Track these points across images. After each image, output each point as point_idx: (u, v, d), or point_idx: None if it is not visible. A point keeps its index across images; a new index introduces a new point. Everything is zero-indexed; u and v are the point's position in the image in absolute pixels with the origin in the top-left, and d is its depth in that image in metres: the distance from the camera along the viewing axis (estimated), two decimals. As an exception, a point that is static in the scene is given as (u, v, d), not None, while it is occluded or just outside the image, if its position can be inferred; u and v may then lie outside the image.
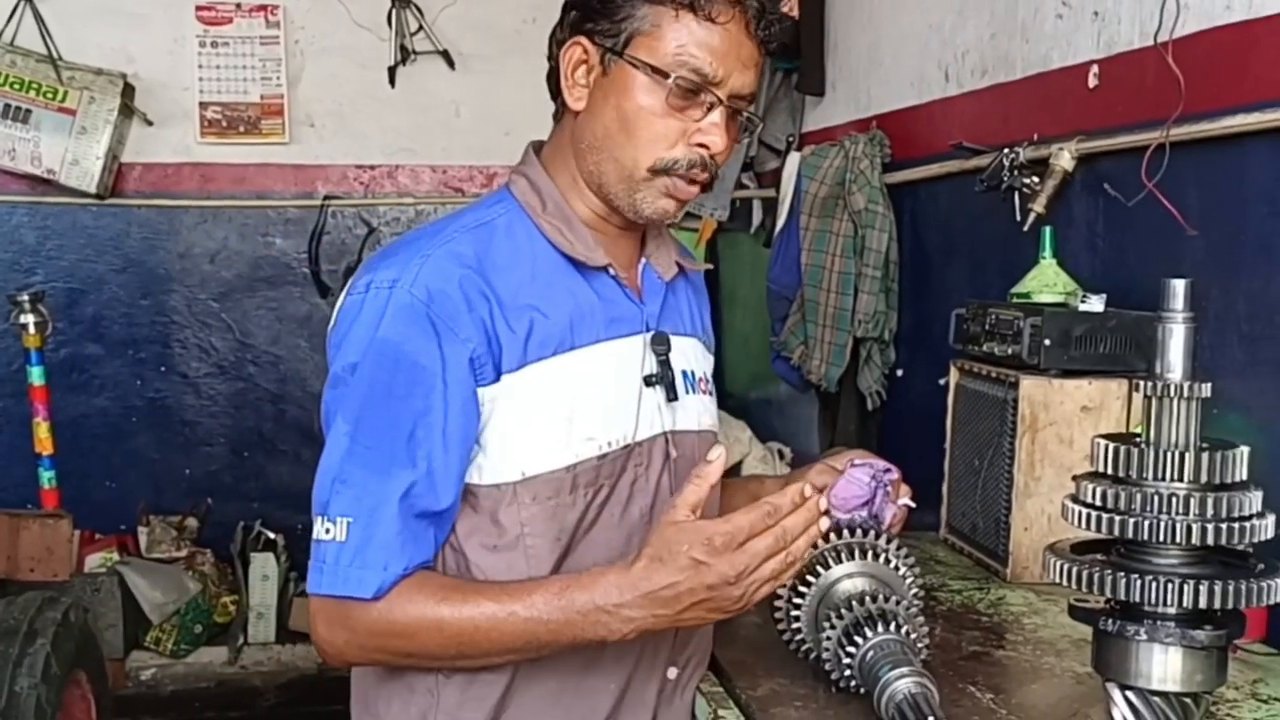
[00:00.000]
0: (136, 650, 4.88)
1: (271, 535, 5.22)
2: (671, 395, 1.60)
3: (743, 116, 1.55)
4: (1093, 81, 2.49)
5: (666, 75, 1.46)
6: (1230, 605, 1.32)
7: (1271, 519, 1.35)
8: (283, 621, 5.13)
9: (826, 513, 1.69)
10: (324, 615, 1.44)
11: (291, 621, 5.13)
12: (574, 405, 1.50)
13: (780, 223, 3.89)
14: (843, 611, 1.51)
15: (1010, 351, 2.23)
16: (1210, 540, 1.32)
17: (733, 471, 3.41)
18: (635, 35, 1.48)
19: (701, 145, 1.50)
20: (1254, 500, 1.34)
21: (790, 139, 4.26)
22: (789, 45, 4.05)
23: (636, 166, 1.50)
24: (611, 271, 1.57)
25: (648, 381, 1.58)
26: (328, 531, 1.42)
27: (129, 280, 5.30)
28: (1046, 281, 2.43)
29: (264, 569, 5.10)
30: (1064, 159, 2.52)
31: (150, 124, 5.17)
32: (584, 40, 1.52)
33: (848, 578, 1.58)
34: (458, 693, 1.53)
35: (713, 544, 1.33)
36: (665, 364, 1.60)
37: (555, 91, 1.59)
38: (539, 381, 1.48)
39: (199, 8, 5.18)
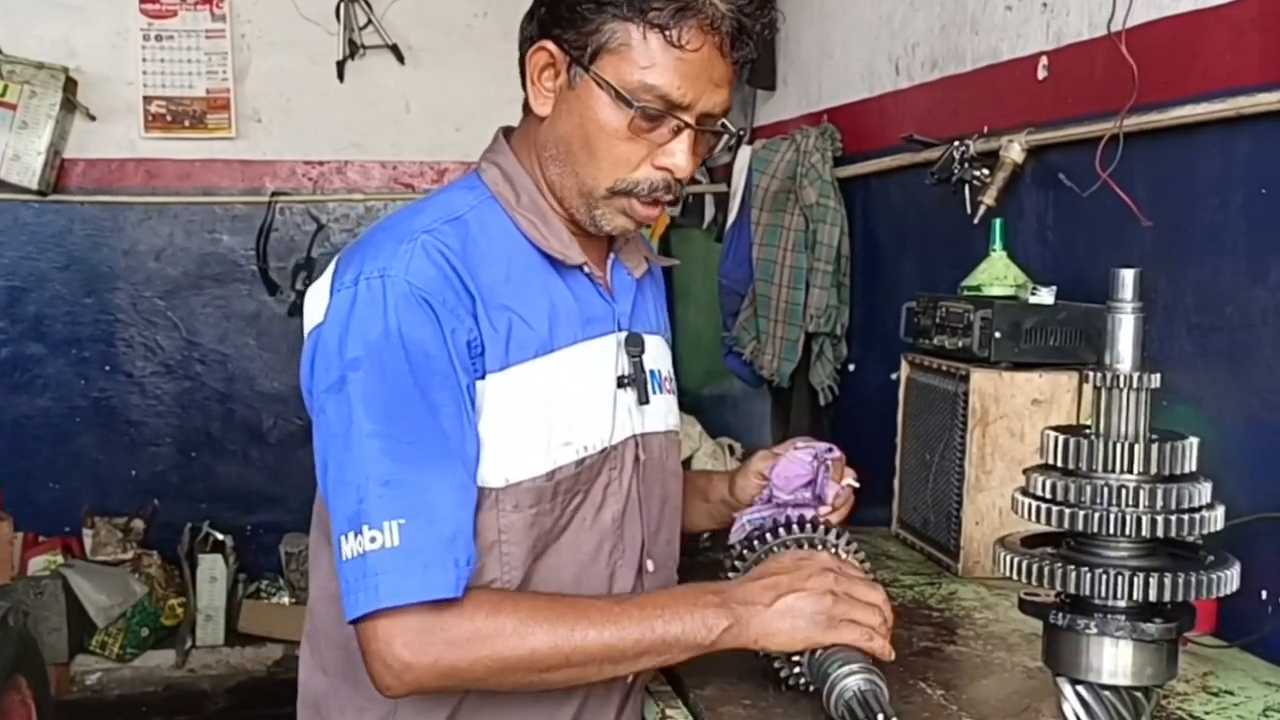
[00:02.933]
0: (81, 654, 4.81)
1: (220, 536, 5.17)
2: (644, 398, 1.57)
3: (712, 129, 1.48)
4: (1042, 73, 2.49)
5: (630, 104, 1.40)
6: (1180, 598, 1.31)
7: (1221, 510, 1.34)
8: (231, 624, 5.07)
9: (770, 497, 1.68)
10: (407, 634, 1.31)
11: (241, 624, 5.07)
12: (554, 409, 1.46)
13: (731, 217, 3.88)
14: (791, 608, 1.48)
15: (961, 345, 2.22)
16: (1160, 532, 1.31)
17: (683, 467, 3.39)
18: (602, 51, 1.41)
19: (665, 168, 1.45)
20: (1203, 492, 1.33)
21: (741, 133, 4.24)
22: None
23: (596, 185, 1.46)
24: (586, 269, 1.53)
25: (620, 383, 1.55)
26: (373, 540, 1.30)
27: (72, 278, 5.21)
28: (997, 274, 2.43)
29: (212, 571, 5.03)
30: (1014, 151, 2.51)
31: (93, 119, 5.09)
32: (550, 45, 1.45)
33: (796, 573, 1.55)
34: (415, 699, 1.46)
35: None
36: (639, 366, 1.57)
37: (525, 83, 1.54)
38: (521, 384, 1.44)
39: (143, 0, 5.09)
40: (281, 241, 5.36)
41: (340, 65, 5.25)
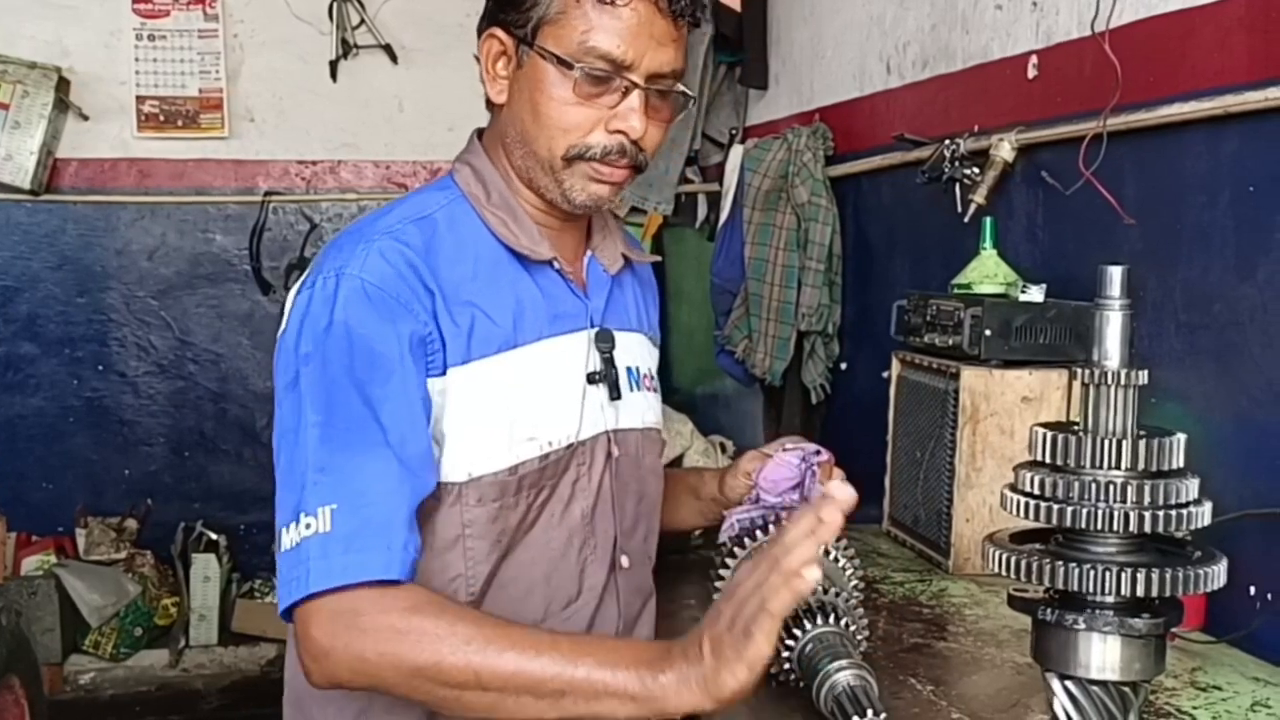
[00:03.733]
0: (75, 654, 4.80)
1: (213, 536, 5.16)
2: (615, 394, 1.58)
3: (674, 93, 1.49)
4: (1032, 72, 2.50)
5: (571, 66, 1.42)
6: (1168, 593, 1.31)
7: (1208, 506, 1.35)
8: (225, 623, 5.06)
9: (758, 499, 1.69)
10: (320, 616, 1.28)
11: (234, 624, 5.07)
12: (516, 404, 1.47)
13: (724, 216, 3.88)
14: (781, 604, 1.49)
15: (951, 343, 2.22)
16: (1148, 527, 1.31)
17: (674, 464, 3.40)
18: (542, 23, 1.44)
19: (619, 131, 1.46)
20: (1191, 487, 1.34)
21: (733, 132, 4.25)
22: (732, 38, 4.05)
23: (553, 155, 1.47)
24: (556, 265, 1.54)
25: (591, 379, 1.55)
26: (308, 527, 1.29)
27: (65, 278, 5.20)
28: (987, 272, 2.43)
29: (205, 570, 5.03)
30: (1004, 150, 2.52)
31: (86, 118, 5.08)
32: (498, 31, 1.49)
33: (787, 570, 1.55)
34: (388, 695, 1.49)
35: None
36: (609, 362, 1.58)
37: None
38: (483, 379, 1.45)
39: (135, 0, 5.09)
40: (275, 241, 5.36)
41: (333, 65, 5.25)
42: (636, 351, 1.67)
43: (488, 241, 1.51)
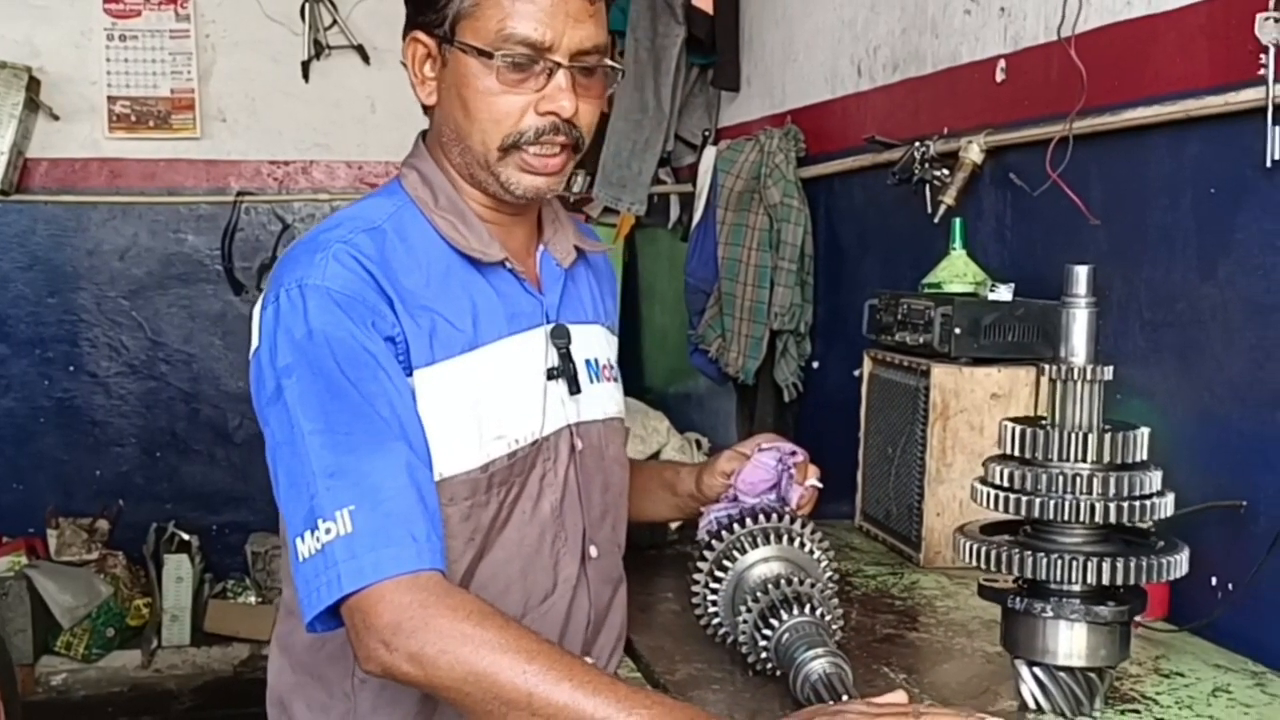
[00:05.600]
0: (46, 655, 4.79)
1: (185, 537, 5.16)
2: (574, 388, 1.59)
3: (601, 69, 1.51)
4: (1000, 76, 2.54)
5: (492, 55, 1.45)
6: (1132, 581, 1.36)
7: (1171, 497, 1.39)
8: (197, 624, 5.06)
9: (735, 498, 1.72)
10: (385, 605, 1.28)
11: (206, 624, 5.07)
12: (482, 404, 1.49)
13: (697, 217, 3.91)
14: (758, 595, 1.53)
15: (922, 341, 2.26)
16: (1113, 518, 1.36)
17: (650, 460, 3.43)
18: (459, 19, 1.47)
19: (549, 113, 1.48)
20: (1154, 479, 1.38)
21: (706, 134, 4.28)
22: (704, 40, 4.08)
23: (488, 149, 1.50)
24: (508, 265, 1.56)
25: (550, 375, 1.57)
26: (328, 532, 1.29)
27: (35, 278, 5.19)
28: (957, 272, 2.47)
29: (178, 571, 5.03)
30: (973, 152, 2.56)
31: (57, 118, 5.07)
32: (420, 34, 1.52)
33: (763, 562, 1.59)
34: (372, 696, 1.52)
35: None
36: (566, 357, 1.59)
37: None
38: (448, 381, 1.47)
39: (106, 0, 5.08)
40: (247, 241, 5.36)
41: (305, 65, 5.25)
42: (594, 343, 1.69)
43: (438, 246, 1.52)
